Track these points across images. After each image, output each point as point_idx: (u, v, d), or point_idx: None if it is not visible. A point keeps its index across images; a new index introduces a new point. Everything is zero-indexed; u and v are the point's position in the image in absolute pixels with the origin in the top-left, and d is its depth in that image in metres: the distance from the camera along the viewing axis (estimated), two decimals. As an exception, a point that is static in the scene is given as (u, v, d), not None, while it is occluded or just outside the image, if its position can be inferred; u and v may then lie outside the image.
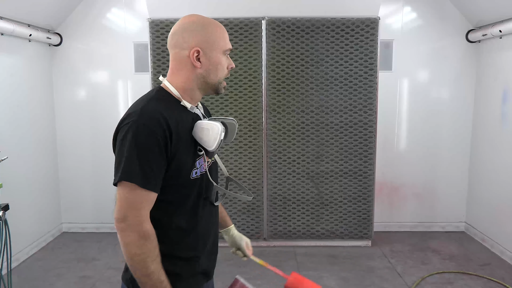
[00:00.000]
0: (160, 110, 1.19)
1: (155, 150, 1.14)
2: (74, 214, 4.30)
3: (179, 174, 1.22)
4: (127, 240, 1.13)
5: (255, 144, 3.77)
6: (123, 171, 1.13)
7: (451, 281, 3.25)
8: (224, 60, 1.31)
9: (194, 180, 1.26)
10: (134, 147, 1.13)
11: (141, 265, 1.13)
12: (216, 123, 1.24)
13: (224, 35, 1.31)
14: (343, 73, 3.69)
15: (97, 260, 3.64)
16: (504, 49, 3.70)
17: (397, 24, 4.13)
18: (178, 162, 1.20)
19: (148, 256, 1.13)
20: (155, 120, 1.15)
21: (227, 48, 1.31)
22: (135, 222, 1.13)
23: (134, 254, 1.13)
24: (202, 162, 1.29)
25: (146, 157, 1.13)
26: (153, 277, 1.14)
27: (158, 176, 1.16)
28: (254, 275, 3.33)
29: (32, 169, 3.82)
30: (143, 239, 1.13)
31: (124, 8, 4.11)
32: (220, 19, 3.53)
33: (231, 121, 1.38)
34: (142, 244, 1.13)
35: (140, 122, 1.15)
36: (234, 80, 3.68)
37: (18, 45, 3.61)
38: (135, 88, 4.16)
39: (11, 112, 3.50)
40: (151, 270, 1.14)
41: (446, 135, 4.25)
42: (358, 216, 3.87)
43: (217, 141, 1.22)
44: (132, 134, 1.14)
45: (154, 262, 1.14)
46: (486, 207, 3.97)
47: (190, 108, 1.29)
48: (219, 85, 1.32)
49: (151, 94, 1.28)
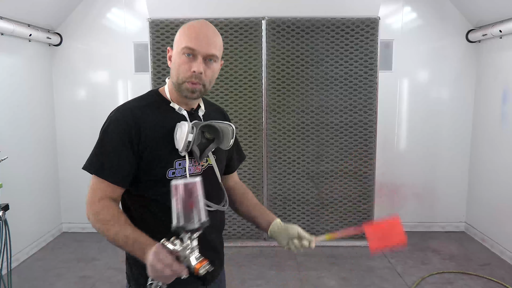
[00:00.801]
0: (134, 108, 1.26)
1: (119, 143, 1.22)
2: (74, 214, 4.29)
3: (151, 170, 1.25)
4: (90, 220, 1.23)
5: (255, 144, 3.77)
6: (87, 160, 1.26)
7: (451, 281, 3.25)
8: (182, 60, 1.22)
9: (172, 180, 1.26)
10: (100, 139, 1.25)
11: (107, 236, 1.20)
12: (186, 123, 1.21)
13: (187, 32, 1.22)
14: (343, 73, 3.69)
15: (97, 260, 3.63)
16: (504, 49, 3.69)
17: (397, 24, 4.13)
18: (150, 157, 1.24)
19: (104, 225, 1.19)
20: (125, 116, 1.24)
21: (182, 46, 1.21)
22: (89, 202, 1.23)
23: (98, 229, 1.21)
24: (184, 165, 1.27)
25: (105, 148, 1.23)
26: (119, 237, 1.17)
27: (118, 167, 1.22)
28: (254, 275, 3.33)
29: (32, 169, 3.82)
30: (95, 214, 1.21)
31: (124, 8, 4.11)
32: (220, 19, 3.58)
33: (225, 125, 1.32)
34: (97, 218, 1.21)
35: (113, 118, 1.25)
36: (234, 80, 3.68)
37: (18, 45, 3.61)
38: (135, 88, 4.15)
39: (11, 112, 3.50)
40: (113, 233, 1.18)
41: (446, 135, 4.25)
42: (358, 216, 3.87)
43: (184, 141, 1.21)
44: (103, 128, 1.25)
45: (112, 227, 1.19)
46: (486, 207, 3.97)
47: (177, 110, 1.30)
48: (179, 86, 1.25)
49: (142, 94, 1.35)
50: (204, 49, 1.22)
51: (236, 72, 3.67)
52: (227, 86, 3.69)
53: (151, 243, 1.12)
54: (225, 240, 1.62)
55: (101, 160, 1.23)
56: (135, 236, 1.15)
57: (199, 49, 1.21)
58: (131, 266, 1.34)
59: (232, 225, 3.86)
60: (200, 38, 1.22)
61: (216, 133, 1.31)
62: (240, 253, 3.73)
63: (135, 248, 1.14)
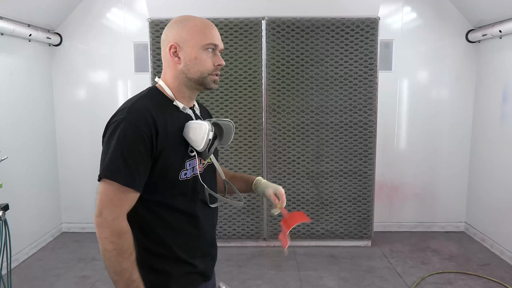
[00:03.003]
0: (148, 108, 1.20)
1: (140, 148, 1.15)
2: (74, 214, 4.29)
3: (166, 174, 1.21)
4: (101, 235, 1.14)
5: (255, 144, 3.77)
6: (106, 168, 1.14)
7: (451, 281, 3.25)
8: (205, 55, 1.26)
9: (183, 181, 1.25)
10: (120, 144, 1.14)
11: (113, 261, 1.13)
12: (204, 122, 1.23)
13: (205, 30, 1.27)
14: (343, 73, 3.69)
15: (97, 260, 3.63)
16: (504, 49, 3.70)
17: (397, 24, 4.13)
18: (165, 161, 1.20)
19: (120, 253, 1.13)
20: (142, 118, 1.17)
21: (207, 42, 1.26)
22: (110, 218, 1.14)
23: (106, 249, 1.13)
24: (194, 164, 1.27)
25: (131, 155, 1.14)
26: (125, 275, 1.14)
27: (140, 175, 1.16)
28: (254, 275, 3.33)
29: (32, 169, 3.82)
30: (116, 236, 1.13)
31: (124, 8, 4.11)
32: (220, 19, 3.59)
33: (227, 122, 1.35)
34: (115, 240, 1.13)
35: (128, 120, 1.16)
36: (234, 80, 3.69)
37: (18, 45, 3.61)
38: (135, 88, 4.15)
39: (11, 112, 3.50)
40: (123, 268, 1.14)
41: (446, 135, 4.25)
42: (358, 216, 3.88)
43: (205, 140, 1.21)
44: (119, 132, 1.15)
45: (126, 260, 1.14)
46: (486, 207, 3.97)
47: (182, 108, 1.29)
48: (203, 80, 1.28)
49: (143, 92, 1.30)
50: (221, 45, 1.32)
51: (236, 72, 3.67)
52: (227, 86, 3.69)
53: None
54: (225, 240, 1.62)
55: (125, 168, 1.13)
56: (140, 286, 1.18)
57: (220, 45, 1.31)
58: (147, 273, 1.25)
59: (232, 225, 3.86)
60: (217, 35, 1.30)
61: (219, 131, 1.32)
62: (240, 253, 3.73)
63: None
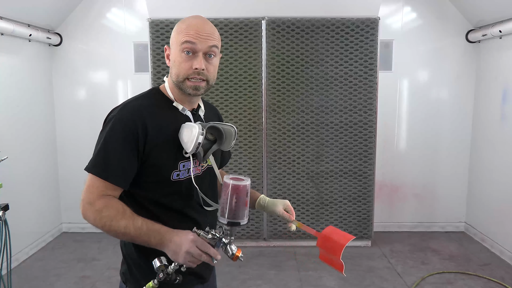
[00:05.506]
0: (141, 108, 1.21)
1: (125, 145, 1.17)
2: (74, 214, 4.29)
3: (158, 173, 1.22)
4: (91, 219, 1.17)
5: (255, 144, 3.77)
6: (91, 161, 1.20)
7: (451, 281, 3.25)
8: (180, 57, 1.20)
9: (176, 182, 1.25)
10: (106, 140, 1.19)
11: (114, 228, 1.16)
12: (195, 125, 1.20)
13: (185, 29, 1.20)
14: (343, 73, 3.69)
15: (97, 260, 3.64)
16: (504, 49, 3.70)
17: (397, 24, 4.13)
18: (156, 160, 1.21)
19: (113, 219, 1.15)
20: (132, 117, 1.19)
21: (182, 41, 1.19)
22: (87, 201, 1.17)
23: (102, 226, 1.16)
24: (188, 166, 1.26)
25: (114, 151, 1.18)
26: (129, 230, 1.15)
27: (123, 170, 1.19)
28: (254, 275, 3.33)
29: (32, 169, 3.82)
30: (98, 212, 1.16)
31: (124, 8, 4.11)
32: (220, 19, 3.59)
33: (229, 127, 1.32)
34: (100, 216, 1.16)
35: (117, 117, 1.19)
36: (234, 80, 3.69)
37: (18, 45, 3.61)
38: (135, 88, 4.15)
39: (11, 112, 3.50)
40: (124, 225, 1.15)
41: (446, 135, 4.25)
42: (358, 216, 3.88)
43: (194, 143, 1.19)
44: (108, 128, 1.19)
45: (122, 219, 1.15)
46: (486, 207, 3.97)
47: (181, 110, 1.28)
48: (180, 84, 1.23)
49: (143, 93, 1.31)
50: (204, 43, 1.20)
51: (236, 72, 3.67)
52: (227, 86, 3.69)
53: (168, 230, 1.15)
54: (225, 240, 1.64)
55: (105, 161, 1.18)
56: (148, 226, 1.15)
57: (200, 44, 1.20)
58: (130, 266, 1.31)
59: (232, 225, 3.86)
60: (199, 34, 1.20)
61: (218, 135, 1.31)
62: (240, 253, 3.73)
63: (150, 237, 1.14)
